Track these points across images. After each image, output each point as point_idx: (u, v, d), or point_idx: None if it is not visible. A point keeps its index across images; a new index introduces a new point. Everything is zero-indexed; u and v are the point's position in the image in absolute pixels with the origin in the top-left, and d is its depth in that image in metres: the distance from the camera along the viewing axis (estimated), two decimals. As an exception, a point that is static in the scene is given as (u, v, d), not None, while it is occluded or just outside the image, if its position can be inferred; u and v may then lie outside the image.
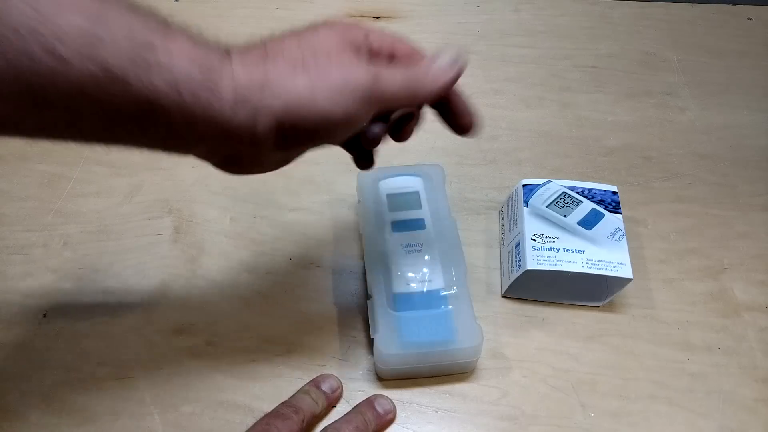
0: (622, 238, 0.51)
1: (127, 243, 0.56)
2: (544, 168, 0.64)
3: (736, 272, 0.57)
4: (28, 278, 0.54)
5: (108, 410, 0.47)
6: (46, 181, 0.61)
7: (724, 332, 0.53)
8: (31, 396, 0.48)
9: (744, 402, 0.49)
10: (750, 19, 0.82)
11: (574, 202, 0.53)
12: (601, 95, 0.71)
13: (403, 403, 0.48)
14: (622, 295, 0.54)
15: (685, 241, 0.59)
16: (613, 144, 0.66)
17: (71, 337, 0.51)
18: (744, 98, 0.72)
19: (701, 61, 0.76)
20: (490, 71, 0.74)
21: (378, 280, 0.49)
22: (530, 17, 0.81)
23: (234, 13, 0.79)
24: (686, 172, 0.64)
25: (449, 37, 0.77)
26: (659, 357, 0.51)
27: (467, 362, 0.49)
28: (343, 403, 0.48)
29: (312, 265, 0.56)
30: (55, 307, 0.52)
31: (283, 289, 0.54)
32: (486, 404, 0.48)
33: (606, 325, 0.53)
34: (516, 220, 0.54)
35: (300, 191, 0.61)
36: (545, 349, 0.51)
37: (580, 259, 0.50)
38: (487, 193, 0.62)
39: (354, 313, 0.53)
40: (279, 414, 0.44)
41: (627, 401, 0.49)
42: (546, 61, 0.75)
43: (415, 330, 0.47)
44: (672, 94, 0.72)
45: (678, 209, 0.61)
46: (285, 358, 0.50)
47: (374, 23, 0.79)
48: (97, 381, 0.49)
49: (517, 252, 0.52)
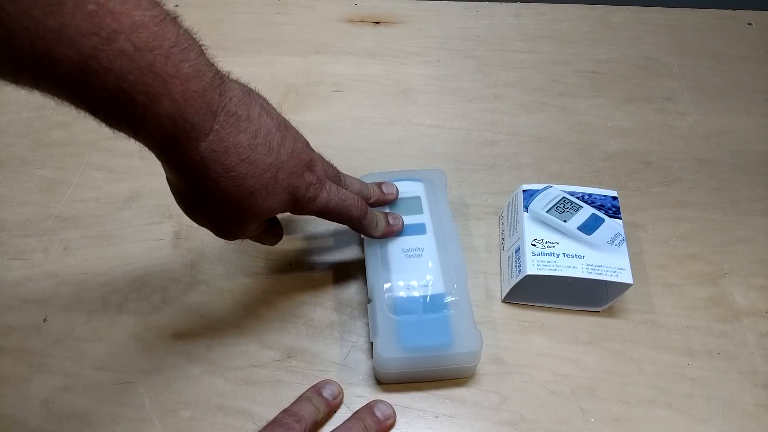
0: (622, 243, 0.51)
1: (127, 248, 0.57)
2: (544, 173, 0.64)
3: (736, 277, 0.57)
4: (28, 283, 0.54)
5: (107, 415, 0.47)
6: (46, 186, 0.61)
7: (724, 337, 0.53)
8: (31, 401, 0.48)
9: (744, 407, 0.49)
10: (750, 24, 0.82)
11: (574, 207, 0.53)
12: (601, 100, 0.71)
13: (403, 409, 0.48)
14: (622, 300, 0.54)
15: (686, 246, 0.58)
16: (613, 149, 0.66)
17: (71, 342, 0.51)
18: (744, 103, 0.72)
19: (701, 66, 0.76)
20: (490, 76, 0.74)
21: (378, 284, 0.50)
22: (530, 22, 0.81)
23: (234, 17, 0.80)
24: (686, 177, 0.64)
25: (449, 42, 0.78)
26: (659, 362, 0.51)
27: (466, 367, 0.49)
28: (343, 408, 0.48)
29: (312, 270, 0.56)
30: (55, 311, 0.52)
31: (283, 295, 0.54)
32: (486, 409, 0.48)
33: (606, 330, 0.53)
34: (516, 225, 0.54)
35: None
36: (545, 354, 0.51)
37: (580, 264, 0.50)
38: (486, 198, 0.62)
39: (354, 319, 0.53)
40: (281, 423, 0.44)
41: (627, 406, 0.49)
42: (546, 66, 0.75)
43: (414, 334, 0.47)
44: (672, 99, 0.72)
45: (678, 214, 0.61)
46: (285, 363, 0.50)
47: (374, 28, 0.79)
48: (96, 386, 0.49)
49: (517, 257, 0.52)
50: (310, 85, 0.72)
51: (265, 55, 0.75)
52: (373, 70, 0.74)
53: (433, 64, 0.75)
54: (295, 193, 0.43)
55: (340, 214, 0.48)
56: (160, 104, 0.34)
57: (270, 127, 0.41)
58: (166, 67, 0.34)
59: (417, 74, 0.74)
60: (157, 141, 0.36)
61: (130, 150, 0.64)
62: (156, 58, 0.33)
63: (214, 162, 0.38)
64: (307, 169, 0.44)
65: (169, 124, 0.35)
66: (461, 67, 0.75)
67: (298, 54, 0.75)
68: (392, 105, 0.70)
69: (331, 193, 0.47)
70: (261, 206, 0.42)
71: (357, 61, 0.75)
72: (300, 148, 0.44)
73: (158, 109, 0.34)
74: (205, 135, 0.37)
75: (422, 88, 0.72)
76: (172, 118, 0.35)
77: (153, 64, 0.33)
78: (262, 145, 0.40)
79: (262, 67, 0.74)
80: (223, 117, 0.38)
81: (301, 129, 0.69)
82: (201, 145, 0.37)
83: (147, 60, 0.33)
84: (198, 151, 0.37)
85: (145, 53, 0.33)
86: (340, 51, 0.76)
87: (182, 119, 0.35)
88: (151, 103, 0.34)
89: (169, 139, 0.36)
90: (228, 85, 0.38)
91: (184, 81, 0.35)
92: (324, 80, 0.73)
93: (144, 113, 0.34)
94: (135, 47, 0.32)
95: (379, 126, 0.68)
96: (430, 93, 0.72)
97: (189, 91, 0.35)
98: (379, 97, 0.71)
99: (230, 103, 0.38)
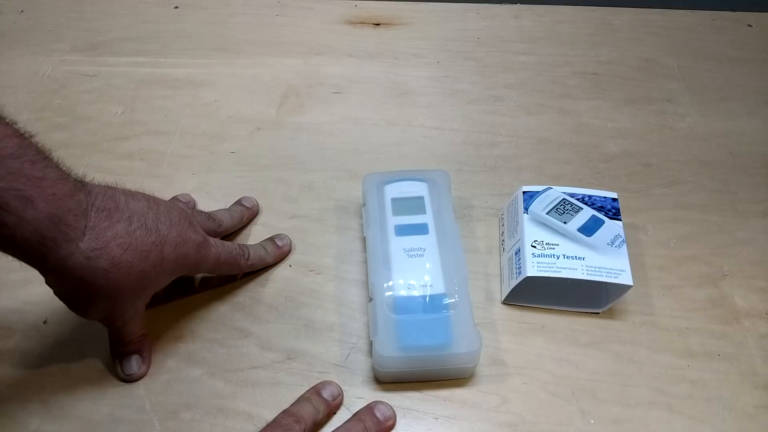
0: (622, 244, 0.51)
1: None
2: (544, 175, 0.64)
3: (736, 279, 0.57)
4: (29, 285, 0.54)
5: (108, 417, 0.47)
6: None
7: (724, 339, 0.53)
8: (31, 403, 0.48)
9: (744, 409, 0.49)
10: (750, 26, 0.82)
11: (574, 208, 0.53)
12: (601, 102, 0.71)
13: (403, 410, 0.48)
14: (622, 302, 0.54)
15: (685, 248, 0.58)
16: (613, 150, 0.66)
17: (71, 344, 0.51)
18: (744, 105, 0.72)
19: (701, 68, 0.76)
20: (489, 78, 0.74)
21: (379, 284, 0.50)
22: (530, 24, 0.81)
23: (233, 19, 0.80)
24: (686, 178, 0.64)
25: (449, 44, 0.78)
26: (659, 363, 0.51)
27: (465, 368, 0.49)
28: (343, 410, 0.48)
29: (312, 272, 0.56)
30: (56, 313, 0.52)
31: (282, 296, 0.54)
32: (486, 411, 0.48)
33: (606, 332, 0.53)
34: (516, 226, 0.54)
35: (299, 198, 0.61)
36: (545, 356, 0.51)
37: (580, 266, 0.50)
38: (487, 200, 0.62)
39: (354, 320, 0.53)
40: (281, 424, 0.44)
41: (627, 408, 0.49)
42: (546, 68, 0.75)
43: (414, 334, 0.47)
44: (672, 100, 0.72)
45: (678, 216, 0.61)
46: (285, 365, 0.50)
47: (374, 30, 0.79)
48: (96, 388, 0.49)
49: (517, 258, 0.52)
50: (310, 86, 0.72)
51: (265, 57, 0.75)
52: (373, 72, 0.74)
53: (433, 65, 0.75)
54: (185, 262, 0.46)
55: (230, 266, 0.52)
56: (34, 207, 0.36)
57: (140, 209, 0.43)
58: (34, 170, 0.36)
59: (417, 76, 0.74)
60: (35, 248, 0.37)
61: (129, 152, 0.65)
62: (24, 165, 0.36)
63: (98, 259, 0.40)
64: (191, 230, 0.46)
65: (46, 226, 0.37)
66: (461, 68, 0.75)
67: (298, 56, 0.75)
68: (392, 106, 0.70)
69: (218, 247, 0.50)
70: (153, 285, 0.45)
71: (357, 62, 0.75)
72: (175, 216, 0.46)
73: (33, 212, 0.36)
74: (82, 233, 0.39)
75: (422, 89, 0.72)
76: (48, 219, 0.37)
77: (21, 169, 0.36)
78: (139, 229, 0.42)
79: (262, 68, 0.74)
80: (94, 214, 0.40)
81: (301, 130, 0.69)
82: (81, 245, 0.39)
83: (16, 166, 0.35)
84: (80, 251, 0.39)
85: (13, 161, 0.35)
86: (340, 52, 0.76)
87: (57, 219, 0.37)
88: (25, 207, 0.36)
89: (47, 244, 0.37)
90: (89, 186, 0.41)
91: (53, 183, 0.37)
92: (324, 82, 0.73)
93: (20, 218, 0.36)
94: (2, 156, 0.35)
95: (379, 127, 0.68)
96: (430, 94, 0.72)
97: (59, 193, 0.38)
98: (379, 99, 0.71)
99: (97, 199, 0.40)
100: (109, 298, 0.42)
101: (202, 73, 0.73)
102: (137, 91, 0.71)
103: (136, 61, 0.74)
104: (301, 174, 0.63)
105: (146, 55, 0.75)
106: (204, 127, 0.67)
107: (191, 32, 0.77)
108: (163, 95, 0.70)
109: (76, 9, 0.81)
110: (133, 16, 0.80)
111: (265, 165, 0.64)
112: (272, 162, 0.64)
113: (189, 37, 0.77)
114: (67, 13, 0.80)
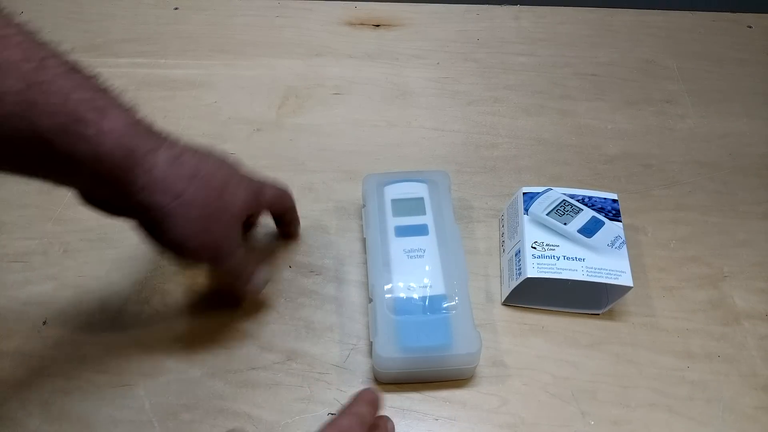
0: (622, 245, 0.51)
1: (127, 251, 0.56)
2: (544, 176, 0.64)
3: (736, 280, 0.57)
4: (28, 286, 0.54)
5: (107, 418, 0.47)
6: (46, 189, 0.60)
7: (724, 340, 0.53)
8: (31, 404, 0.48)
9: (744, 410, 0.49)
10: (750, 27, 0.82)
11: (574, 209, 0.53)
12: (601, 103, 0.72)
13: (403, 411, 0.48)
14: (622, 303, 0.54)
15: (685, 249, 0.58)
16: (613, 152, 0.66)
17: (71, 345, 0.51)
18: (744, 106, 0.72)
19: (701, 69, 0.76)
20: (490, 79, 0.74)
21: (379, 285, 0.50)
22: (530, 25, 0.81)
23: (233, 21, 0.80)
24: (686, 179, 0.64)
25: (449, 45, 0.78)
26: (659, 365, 0.51)
27: (465, 369, 0.49)
28: (342, 411, 0.48)
29: (312, 273, 0.56)
30: (55, 314, 0.52)
31: (283, 297, 0.54)
32: (486, 412, 0.48)
33: (606, 333, 0.53)
34: (516, 227, 0.54)
35: (299, 199, 0.61)
36: (545, 357, 0.51)
37: (581, 267, 0.50)
38: (487, 201, 0.62)
39: (354, 321, 0.53)
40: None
41: (627, 409, 0.49)
42: (546, 69, 0.75)
43: (414, 335, 0.47)
44: (672, 101, 0.72)
45: (678, 217, 0.61)
46: (285, 366, 0.50)
47: (374, 31, 0.79)
48: (96, 389, 0.49)
49: (517, 260, 0.52)
50: (310, 87, 0.72)
51: (265, 58, 0.75)
52: (373, 73, 0.74)
53: (433, 66, 0.75)
54: (252, 186, 0.46)
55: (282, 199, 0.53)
56: (109, 117, 0.36)
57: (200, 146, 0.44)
58: (96, 82, 0.37)
59: (417, 77, 0.74)
60: (120, 162, 0.37)
61: (130, 152, 0.64)
62: (86, 77, 0.36)
63: (181, 167, 0.39)
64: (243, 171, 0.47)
65: (126, 136, 0.36)
66: (461, 69, 0.75)
67: (298, 57, 0.75)
68: (392, 108, 0.70)
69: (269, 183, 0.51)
70: (233, 199, 0.44)
71: (357, 63, 0.75)
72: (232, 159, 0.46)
73: (109, 122, 0.36)
74: (158, 143, 0.39)
75: (422, 90, 0.72)
76: (125, 128, 0.36)
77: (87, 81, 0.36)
78: (212, 154, 0.43)
79: (262, 70, 0.74)
80: (165, 135, 0.41)
81: (301, 132, 0.69)
82: (160, 154, 0.39)
83: (80, 78, 0.35)
84: (162, 159, 0.39)
85: (75, 73, 0.35)
86: (340, 54, 0.76)
87: (133, 129, 0.37)
88: (101, 117, 0.35)
89: (131, 156, 0.37)
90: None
91: (116, 95, 0.38)
92: (324, 83, 0.73)
93: (99, 129, 0.35)
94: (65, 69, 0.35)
95: (379, 129, 0.68)
96: (430, 96, 0.72)
97: (132, 111, 0.38)
98: (379, 100, 0.71)
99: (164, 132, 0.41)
100: (196, 209, 0.40)
101: (202, 75, 0.73)
102: (137, 92, 0.71)
103: (136, 62, 0.74)
104: (301, 175, 0.63)
105: (146, 56, 0.75)
106: (204, 128, 0.67)
107: (191, 33, 0.77)
108: (163, 96, 0.70)
109: (76, 10, 0.81)
110: (133, 18, 0.80)
111: (265, 166, 0.63)
112: (272, 163, 0.64)
113: (189, 39, 0.77)
114: (67, 14, 0.80)
